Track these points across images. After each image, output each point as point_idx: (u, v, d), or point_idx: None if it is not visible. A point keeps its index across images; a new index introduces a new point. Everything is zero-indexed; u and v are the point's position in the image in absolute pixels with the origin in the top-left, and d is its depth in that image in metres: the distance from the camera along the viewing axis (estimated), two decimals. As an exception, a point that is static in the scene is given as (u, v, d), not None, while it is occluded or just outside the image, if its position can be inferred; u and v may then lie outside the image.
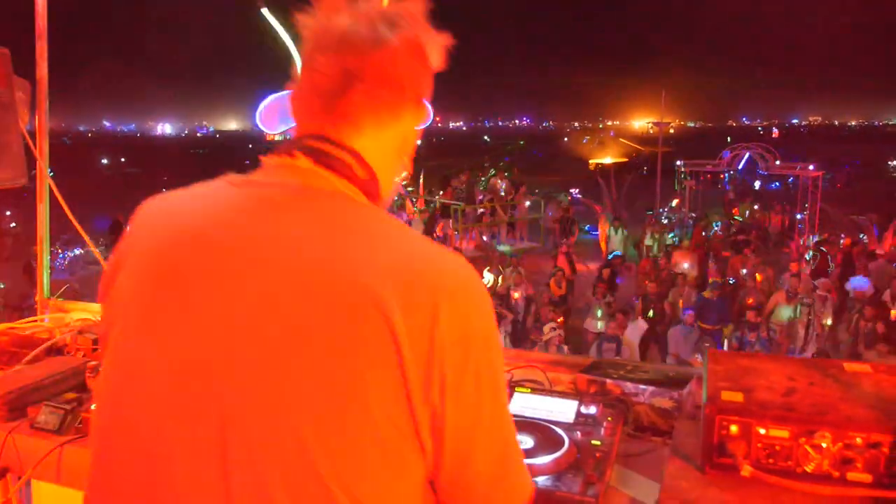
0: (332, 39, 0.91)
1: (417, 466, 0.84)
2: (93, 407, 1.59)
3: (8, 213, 18.42)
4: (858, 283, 10.54)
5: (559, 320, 9.42)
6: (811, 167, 17.26)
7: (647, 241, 15.10)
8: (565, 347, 8.63)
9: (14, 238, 16.48)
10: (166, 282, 0.87)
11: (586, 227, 18.26)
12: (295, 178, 0.91)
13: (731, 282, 11.32)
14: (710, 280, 10.59)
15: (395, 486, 0.82)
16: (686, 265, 12.21)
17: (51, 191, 2.66)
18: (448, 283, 0.84)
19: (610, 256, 13.63)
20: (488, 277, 11.59)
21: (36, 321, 2.53)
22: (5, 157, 2.27)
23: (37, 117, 2.62)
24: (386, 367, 0.79)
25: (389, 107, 0.94)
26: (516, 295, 10.58)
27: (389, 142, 0.97)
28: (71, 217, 2.51)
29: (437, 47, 0.98)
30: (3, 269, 14.14)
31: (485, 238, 14.87)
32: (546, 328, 8.76)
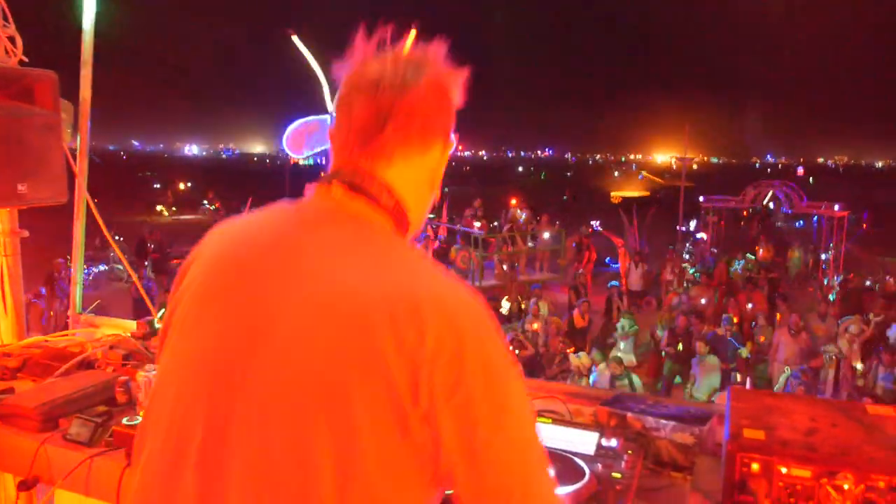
0: (367, 83, 1.03)
1: (417, 478, 0.89)
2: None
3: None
4: None
5: (570, 350, 9.39)
6: (836, 207, 17.09)
7: (668, 276, 15.00)
8: (584, 380, 8.58)
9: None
10: (209, 297, 1.01)
11: (606, 260, 18.18)
12: (329, 203, 1.02)
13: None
14: (723, 317, 10.50)
15: (386, 490, 0.87)
16: (704, 301, 12.10)
17: (87, 208, 2.74)
18: (444, 309, 0.90)
19: (609, 285, 13.55)
20: (506, 307, 11.56)
21: (68, 335, 2.60)
22: (47, 176, 2.35)
23: (78, 138, 2.72)
24: (375, 384, 0.86)
25: (418, 143, 1.05)
26: (535, 326, 10.54)
27: (417, 174, 1.07)
28: (107, 234, 2.58)
29: (458, 85, 1.09)
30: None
31: (504, 268, 14.84)
32: (573, 358, 8.72)
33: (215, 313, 0.98)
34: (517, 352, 9.26)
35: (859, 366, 9.40)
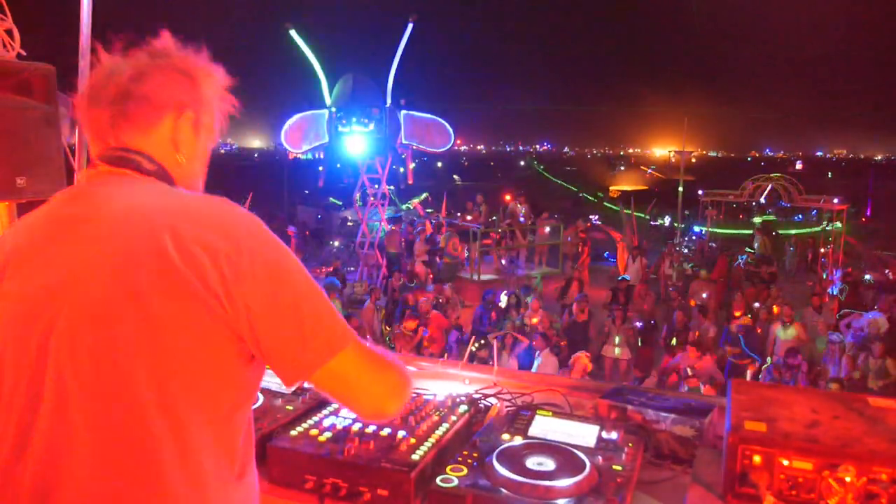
0: (95, 81, 1.20)
1: (233, 348, 1.07)
2: None
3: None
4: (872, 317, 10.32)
5: (562, 343, 9.40)
6: (835, 200, 17.07)
7: (667, 271, 15.01)
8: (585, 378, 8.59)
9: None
10: (12, 272, 1.12)
11: (605, 255, 18.19)
12: (100, 178, 1.18)
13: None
14: (738, 314, 10.50)
15: (205, 373, 1.05)
16: (704, 295, 12.09)
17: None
18: (211, 217, 1.09)
19: (620, 278, 13.54)
20: (504, 301, 11.55)
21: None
22: (46, 170, 2.34)
23: (76, 132, 2.71)
24: (172, 281, 1.02)
25: (140, 116, 1.19)
26: (535, 320, 10.53)
27: (160, 143, 1.21)
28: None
29: (197, 67, 1.24)
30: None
31: (503, 262, 14.83)
32: (579, 353, 8.71)
33: (20, 280, 1.09)
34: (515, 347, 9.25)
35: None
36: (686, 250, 17.74)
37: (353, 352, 1.12)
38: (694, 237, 20.16)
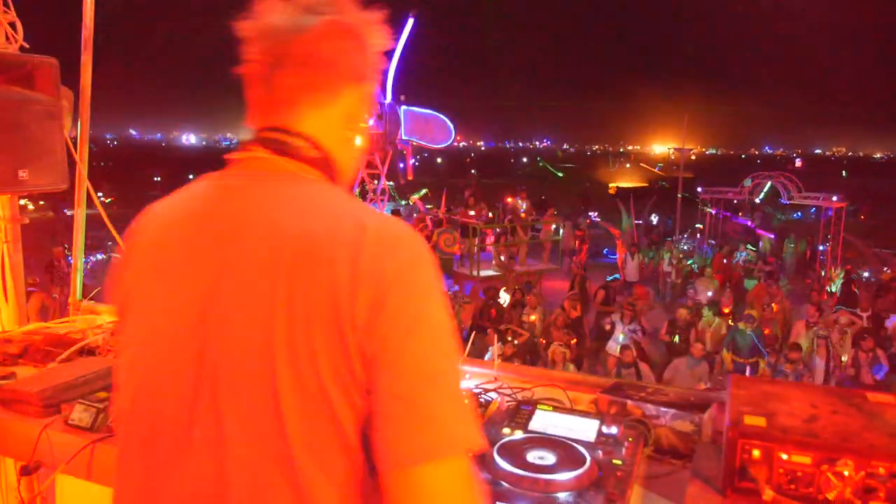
0: (260, 33, 1.02)
1: (359, 392, 0.91)
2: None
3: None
4: None
5: (572, 342, 9.42)
6: (835, 198, 17.07)
7: (666, 268, 15.04)
8: (571, 366, 8.63)
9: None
10: (161, 267, 1.02)
11: (604, 251, 18.22)
12: (256, 167, 1.03)
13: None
14: (726, 311, 10.53)
15: (336, 437, 0.91)
16: (710, 293, 12.12)
17: (88, 196, 2.74)
18: (375, 238, 0.93)
19: (609, 279, 13.56)
20: (504, 297, 11.57)
21: (69, 322, 2.60)
22: (48, 162, 2.34)
23: (79, 125, 2.71)
24: (326, 311, 0.89)
25: (322, 87, 1.03)
26: (532, 317, 10.55)
27: (333, 120, 1.06)
28: (108, 222, 2.57)
29: (369, 27, 1.06)
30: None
31: (502, 258, 14.83)
32: (553, 346, 8.78)
33: (170, 285, 1.00)
34: (515, 341, 9.27)
35: (845, 357, 9.43)
36: (685, 247, 17.76)
37: (459, 467, 0.88)
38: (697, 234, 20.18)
